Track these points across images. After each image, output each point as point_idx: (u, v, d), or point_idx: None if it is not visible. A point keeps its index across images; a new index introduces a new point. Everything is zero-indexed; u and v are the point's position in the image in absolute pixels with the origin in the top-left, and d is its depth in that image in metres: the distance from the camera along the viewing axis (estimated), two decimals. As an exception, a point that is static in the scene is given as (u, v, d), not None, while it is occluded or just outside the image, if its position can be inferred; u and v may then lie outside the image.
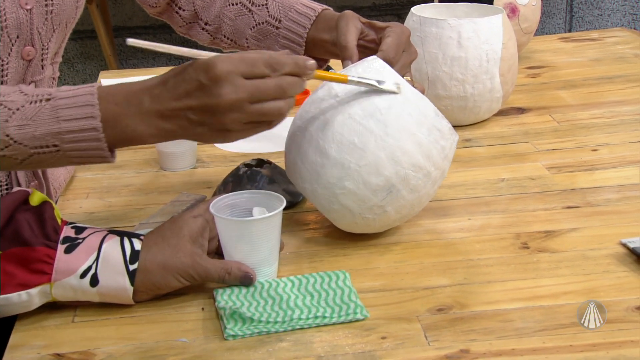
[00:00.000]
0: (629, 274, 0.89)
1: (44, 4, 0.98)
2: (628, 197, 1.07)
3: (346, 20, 1.04)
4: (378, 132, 0.90)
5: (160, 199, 1.11)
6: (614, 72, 1.55)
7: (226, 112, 0.80)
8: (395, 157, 0.90)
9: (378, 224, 0.95)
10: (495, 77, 1.28)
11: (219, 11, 1.16)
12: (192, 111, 0.81)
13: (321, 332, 0.82)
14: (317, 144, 0.92)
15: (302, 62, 0.83)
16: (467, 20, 1.25)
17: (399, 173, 0.91)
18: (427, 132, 0.92)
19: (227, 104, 0.80)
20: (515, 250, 0.95)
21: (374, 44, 1.05)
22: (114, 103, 0.82)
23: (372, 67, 0.94)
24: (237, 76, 0.80)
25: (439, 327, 0.82)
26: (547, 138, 1.27)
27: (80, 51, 3.17)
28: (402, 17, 3.19)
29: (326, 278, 0.89)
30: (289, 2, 1.13)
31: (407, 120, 0.91)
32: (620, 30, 1.81)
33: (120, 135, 0.83)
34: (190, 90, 0.81)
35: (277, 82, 0.82)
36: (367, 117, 0.91)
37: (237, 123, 0.81)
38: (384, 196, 0.92)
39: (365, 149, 0.90)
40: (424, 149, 0.92)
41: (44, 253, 0.83)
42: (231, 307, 0.83)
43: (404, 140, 0.91)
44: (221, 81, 0.80)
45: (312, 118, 0.93)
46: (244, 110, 0.81)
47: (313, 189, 0.93)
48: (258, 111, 0.81)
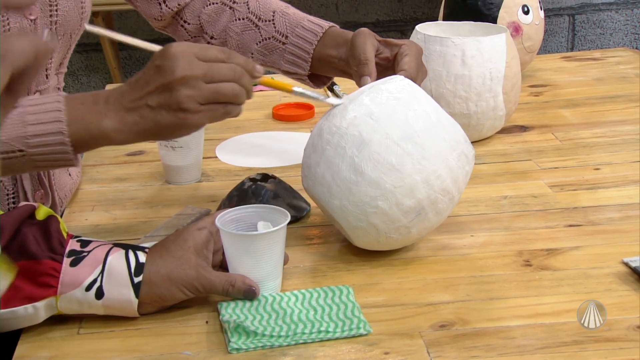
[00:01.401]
0: (631, 292, 0.90)
1: (49, 15, 0.99)
2: (630, 217, 1.07)
3: (364, 37, 1.05)
4: (415, 155, 0.91)
5: (165, 212, 1.12)
6: (616, 92, 1.56)
7: (181, 88, 0.83)
8: (429, 180, 0.91)
9: (398, 244, 0.96)
10: (499, 95, 1.29)
11: (225, 26, 1.17)
12: (151, 96, 0.84)
13: (324, 346, 0.82)
14: (352, 161, 0.92)
15: (251, 62, 0.87)
16: (471, 39, 1.26)
17: (430, 197, 0.92)
18: (457, 157, 0.93)
19: (180, 77, 0.83)
20: (518, 267, 0.96)
21: (387, 62, 1.05)
22: (81, 103, 0.86)
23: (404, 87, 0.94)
24: (191, 55, 0.84)
25: (442, 343, 0.82)
26: (550, 156, 1.28)
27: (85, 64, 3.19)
28: (405, 34, 3.21)
29: (330, 293, 0.89)
30: (296, 19, 1.14)
31: (442, 145, 0.92)
32: (622, 50, 1.82)
33: (85, 134, 0.85)
34: (149, 77, 0.84)
35: (231, 66, 0.85)
36: (405, 139, 0.91)
37: (192, 101, 0.83)
38: (412, 218, 0.92)
39: (403, 170, 0.91)
40: (454, 174, 0.93)
41: (49, 266, 0.83)
42: (235, 320, 0.84)
43: (438, 164, 0.92)
44: (175, 58, 0.83)
45: (345, 134, 0.92)
46: (198, 87, 0.83)
47: (342, 205, 0.93)
48: (213, 89, 0.84)
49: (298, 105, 1.50)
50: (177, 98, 0.83)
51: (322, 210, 1.00)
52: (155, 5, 1.17)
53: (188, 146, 1.20)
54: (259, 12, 1.16)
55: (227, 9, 1.16)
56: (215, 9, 1.17)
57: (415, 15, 3.22)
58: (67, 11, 1.02)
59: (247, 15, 1.16)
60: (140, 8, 1.18)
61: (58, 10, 1.01)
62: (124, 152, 1.33)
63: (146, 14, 1.19)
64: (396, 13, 3.23)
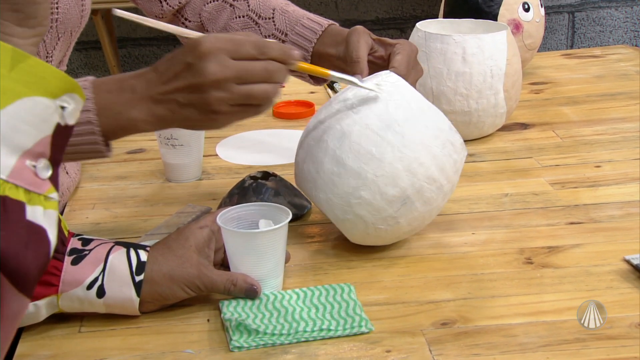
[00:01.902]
0: (632, 290, 0.90)
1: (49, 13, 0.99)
2: (631, 214, 1.07)
3: (357, 35, 1.05)
4: (396, 143, 0.91)
5: (166, 210, 1.12)
6: (617, 89, 1.56)
7: (212, 90, 0.80)
8: (411, 168, 0.91)
9: (389, 236, 0.96)
10: (500, 93, 1.28)
11: (225, 23, 1.17)
12: (180, 93, 0.81)
13: (326, 344, 0.82)
14: (333, 153, 0.93)
15: (288, 49, 0.84)
16: (472, 36, 1.26)
17: (415, 185, 0.92)
18: (442, 145, 0.93)
19: (212, 81, 0.80)
20: (519, 265, 0.96)
21: (382, 60, 1.06)
22: (107, 91, 0.83)
23: (387, 81, 0.95)
24: (224, 55, 0.80)
25: (443, 341, 0.82)
26: (551, 154, 1.28)
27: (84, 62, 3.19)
28: (405, 32, 3.21)
29: (331, 291, 0.89)
30: (296, 17, 1.14)
31: (423, 133, 0.92)
32: (622, 48, 1.82)
33: (114, 124, 0.83)
34: (179, 71, 0.81)
35: (264, 65, 0.82)
36: (384, 129, 0.91)
37: (223, 104, 0.81)
38: (398, 207, 0.92)
39: (383, 159, 0.91)
40: (439, 161, 0.93)
41: (51, 265, 0.83)
42: (237, 318, 0.84)
43: (420, 152, 0.92)
44: (207, 59, 0.80)
45: (328, 128, 0.94)
46: (230, 90, 0.81)
47: (328, 198, 0.94)
48: (245, 92, 0.81)
49: (298, 103, 1.50)
50: (208, 100, 0.81)
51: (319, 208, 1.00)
52: (156, 3, 1.17)
53: (189, 144, 1.19)
54: (258, 10, 1.16)
55: (228, 7, 1.17)
56: (215, 6, 1.17)
57: (415, 13, 3.22)
58: (67, 9, 1.02)
59: (247, 12, 1.16)
60: (142, 6, 1.18)
61: (59, 9, 1.01)
62: (124, 150, 1.33)
63: (147, 12, 1.19)
64: (396, 11, 3.23)
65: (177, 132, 1.18)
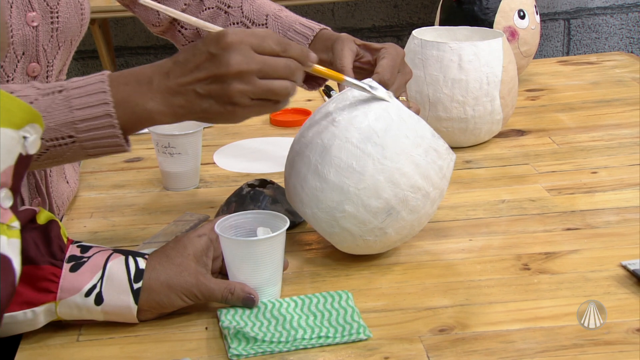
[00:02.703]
0: (629, 295, 0.90)
1: (50, 22, 1.00)
2: (627, 220, 1.07)
3: (342, 43, 1.05)
4: (376, 155, 0.91)
5: (164, 219, 1.12)
6: (612, 96, 1.56)
7: (234, 81, 0.81)
8: (393, 179, 0.91)
9: (379, 245, 0.96)
10: (496, 100, 1.29)
11: None
12: (201, 83, 0.81)
13: (324, 352, 0.82)
14: (315, 168, 0.93)
15: (307, 50, 0.85)
16: (468, 44, 1.27)
17: (398, 195, 0.92)
18: (424, 153, 0.93)
19: (235, 72, 0.80)
20: (516, 271, 0.96)
21: (369, 65, 1.06)
22: (124, 83, 0.83)
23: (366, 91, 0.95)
24: (248, 47, 0.81)
25: (441, 347, 0.82)
26: (547, 160, 1.28)
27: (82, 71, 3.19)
28: (402, 39, 3.22)
29: (329, 298, 0.89)
30: (288, 22, 1.15)
31: (404, 143, 0.92)
32: (618, 54, 1.83)
33: (132, 117, 0.83)
34: (200, 62, 0.81)
35: (286, 62, 0.82)
36: (364, 141, 0.92)
37: (244, 96, 0.81)
38: (383, 218, 0.92)
39: (364, 172, 0.91)
40: (422, 169, 0.93)
41: (49, 271, 0.83)
42: (235, 326, 0.84)
43: (401, 162, 0.92)
44: (232, 50, 0.80)
45: (310, 143, 0.94)
46: (252, 83, 0.81)
47: (313, 213, 0.94)
48: (266, 87, 0.82)
49: (295, 111, 1.51)
50: (229, 92, 0.81)
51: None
52: (153, 11, 1.17)
53: (186, 152, 1.20)
54: (252, 16, 1.16)
55: (222, 14, 1.17)
56: (210, 13, 1.17)
57: (411, 21, 3.23)
58: (67, 18, 1.03)
59: (241, 19, 1.16)
60: (138, 14, 1.19)
61: (59, 18, 1.01)
62: (122, 159, 1.33)
63: (144, 20, 1.19)
64: (392, 18, 3.24)
65: (174, 140, 1.18)
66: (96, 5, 2.67)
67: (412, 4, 3.23)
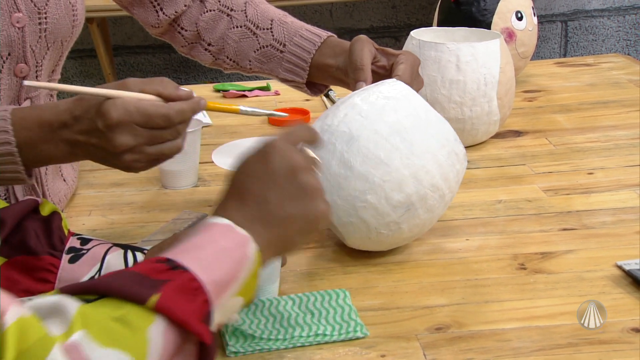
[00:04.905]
0: (625, 295, 0.91)
1: (37, 22, 0.99)
2: (623, 220, 1.08)
3: (361, 43, 1.05)
4: (404, 150, 0.92)
5: (162, 217, 1.13)
6: (609, 97, 1.57)
7: (125, 155, 0.84)
8: (418, 175, 0.92)
9: (389, 241, 0.97)
10: (493, 101, 1.30)
11: (222, 33, 1.17)
12: (95, 148, 0.84)
13: (322, 349, 0.83)
14: (341, 156, 0.93)
15: (195, 105, 0.86)
16: (466, 45, 1.28)
17: (419, 192, 0.93)
18: (447, 155, 0.94)
19: (124, 149, 0.83)
20: (513, 270, 0.97)
21: (384, 70, 1.06)
22: (27, 129, 0.86)
23: (395, 89, 0.96)
24: (133, 126, 0.83)
25: (438, 345, 0.83)
26: (544, 161, 1.29)
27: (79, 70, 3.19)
28: (399, 40, 3.22)
29: (327, 296, 0.90)
30: (294, 28, 1.15)
31: (431, 142, 0.93)
32: (614, 56, 1.84)
33: (37, 158, 0.87)
34: (91, 130, 0.83)
35: (174, 128, 0.85)
36: (393, 135, 0.92)
37: (137, 163, 0.85)
38: (402, 213, 0.93)
39: (390, 164, 0.92)
40: (443, 170, 0.94)
41: (48, 262, 0.84)
42: (233, 324, 0.84)
43: (427, 160, 0.93)
44: (116, 129, 0.82)
45: (335, 131, 0.94)
46: (142, 152, 0.84)
47: (332, 200, 0.94)
48: (157, 152, 0.85)
49: (294, 111, 1.51)
50: (123, 162, 0.84)
51: None
52: (152, 12, 1.17)
53: (185, 151, 1.19)
54: (256, 21, 1.16)
55: (225, 17, 1.17)
56: (212, 16, 1.17)
57: (409, 22, 3.24)
58: (57, 18, 1.02)
59: (244, 23, 1.16)
60: (137, 15, 1.19)
61: (47, 18, 1.01)
62: (120, 157, 1.33)
63: (143, 22, 1.19)
64: (390, 19, 3.25)
65: (173, 139, 1.19)
66: (94, 4, 2.67)
67: (410, 5, 3.24)
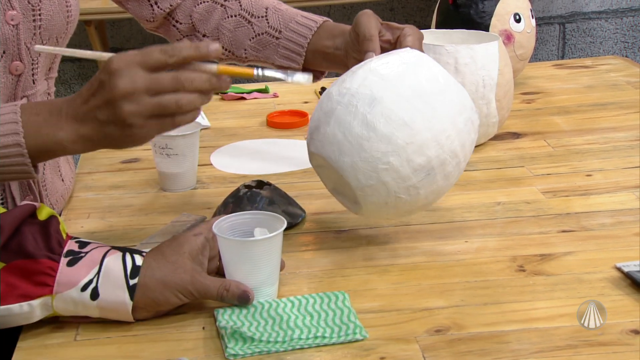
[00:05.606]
0: (624, 297, 0.91)
1: (32, 19, 0.99)
2: (622, 222, 1.08)
3: (367, 16, 1.06)
4: (426, 113, 0.92)
5: (161, 220, 1.12)
6: (607, 99, 1.57)
7: (124, 103, 0.82)
8: (439, 139, 0.92)
9: (406, 208, 0.96)
10: (492, 103, 1.30)
11: (217, 23, 1.18)
12: (99, 110, 0.84)
13: (321, 352, 0.83)
14: (364, 117, 0.93)
15: (202, 44, 0.84)
16: (464, 47, 1.28)
17: (440, 156, 0.93)
18: (464, 122, 0.95)
19: (122, 94, 0.82)
20: (512, 272, 0.97)
21: (389, 44, 1.06)
22: (36, 114, 0.86)
23: (412, 56, 0.96)
24: (134, 68, 0.82)
25: (437, 347, 0.83)
26: (542, 163, 1.29)
27: (77, 72, 3.19)
28: (398, 42, 3.22)
29: (326, 299, 0.90)
30: (290, 15, 1.15)
31: (451, 107, 0.94)
32: (613, 58, 1.84)
33: (42, 146, 0.86)
34: (95, 90, 0.84)
35: (174, 74, 0.83)
36: (416, 97, 0.93)
37: (136, 117, 0.83)
38: (422, 177, 0.93)
39: (414, 127, 0.92)
40: (462, 137, 0.94)
41: (46, 265, 0.84)
42: (232, 326, 0.84)
43: (447, 125, 0.93)
44: (117, 73, 0.82)
45: (356, 93, 0.94)
46: (141, 102, 0.82)
47: (353, 162, 0.93)
48: (155, 103, 0.83)
49: (292, 113, 1.51)
50: (121, 114, 0.82)
51: (326, 180, 1.00)
52: (146, 7, 1.17)
53: (183, 153, 1.20)
54: (251, 9, 1.16)
55: (219, 7, 1.17)
56: (206, 7, 1.18)
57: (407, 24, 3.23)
58: (51, 15, 1.02)
59: (239, 12, 1.17)
60: (132, 10, 1.19)
61: (42, 15, 1.01)
62: (118, 160, 1.33)
63: (138, 16, 1.19)
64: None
65: (172, 141, 1.19)
66: (92, 7, 2.67)
67: (409, 7, 3.24)
